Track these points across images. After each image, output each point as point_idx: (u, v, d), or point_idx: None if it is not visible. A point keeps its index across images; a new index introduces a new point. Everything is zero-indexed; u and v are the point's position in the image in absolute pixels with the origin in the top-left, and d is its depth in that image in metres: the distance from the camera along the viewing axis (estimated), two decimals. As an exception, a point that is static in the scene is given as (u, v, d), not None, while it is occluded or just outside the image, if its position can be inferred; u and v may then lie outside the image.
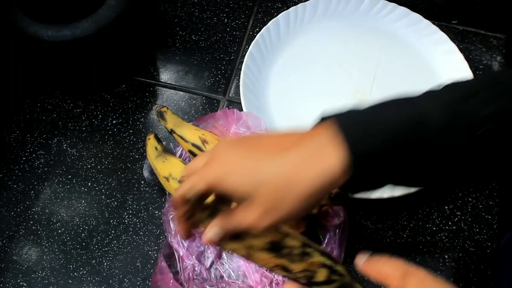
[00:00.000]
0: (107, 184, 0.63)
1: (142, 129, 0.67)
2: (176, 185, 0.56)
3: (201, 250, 0.56)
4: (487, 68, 0.72)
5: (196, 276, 0.54)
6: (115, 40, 0.65)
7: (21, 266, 0.59)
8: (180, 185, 0.42)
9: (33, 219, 0.61)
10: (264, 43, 0.71)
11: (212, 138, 0.58)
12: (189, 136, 0.58)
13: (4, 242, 0.60)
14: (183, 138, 0.58)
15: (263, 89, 0.69)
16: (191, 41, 0.74)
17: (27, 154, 0.66)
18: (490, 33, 0.75)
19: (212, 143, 0.57)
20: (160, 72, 0.72)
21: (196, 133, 0.58)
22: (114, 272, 0.58)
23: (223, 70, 0.72)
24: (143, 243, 0.60)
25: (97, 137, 0.67)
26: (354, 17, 0.74)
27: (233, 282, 0.54)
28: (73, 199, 0.63)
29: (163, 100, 0.70)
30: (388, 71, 0.71)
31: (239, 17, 0.76)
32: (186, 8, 0.77)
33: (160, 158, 0.58)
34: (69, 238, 0.60)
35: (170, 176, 0.57)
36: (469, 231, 0.61)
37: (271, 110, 0.68)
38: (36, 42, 0.60)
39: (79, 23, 0.60)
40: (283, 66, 0.71)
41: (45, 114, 0.68)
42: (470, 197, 0.63)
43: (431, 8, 0.76)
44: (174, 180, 0.56)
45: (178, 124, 0.59)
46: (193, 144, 0.57)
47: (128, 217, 0.61)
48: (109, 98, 0.69)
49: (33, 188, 0.63)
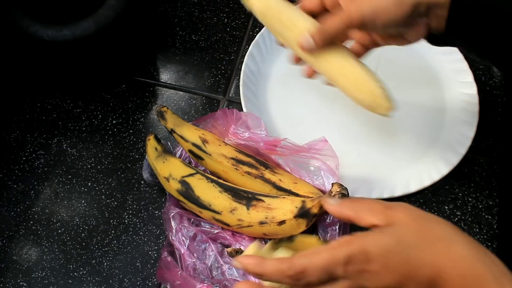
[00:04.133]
0: (107, 184, 0.63)
1: (142, 129, 0.67)
2: (177, 186, 0.56)
3: (202, 248, 0.56)
4: (487, 68, 0.72)
5: (198, 274, 0.54)
6: (115, 40, 0.65)
7: (21, 266, 0.59)
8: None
9: (33, 219, 0.61)
10: (264, 43, 0.71)
11: (213, 138, 0.58)
12: (189, 136, 0.58)
13: (4, 242, 0.60)
14: (183, 137, 0.58)
15: (263, 89, 0.69)
16: (191, 41, 0.74)
17: (27, 154, 0.66)
18: (490, 33, 0.75)
19: (213, 143, 0.57)
20: (160, 72, 0.72)
21: (196, 133, 0.58)
22: (114, 272, 0.58)
23: (223, 70, 0.72)
24: (143, 243, 0.60)
25: (97, 137, 0.67)
26: (354, 17, 0.74)
27: (235, 279, 0.54)
28: (73, 199, 0.63)
29: (163, 100, 0.70)
30: (388, 71, 0.71)
31: (239, 17, 0.76)
32: (186, 8, 0.77)
33: (160, 158, 0.58)
34: (69, 238, 0.60)
35: (170, 176, 0.57)
36: (469, 231, 0.61)
37: (271, 110, 0.68)
38: (36, 42, 0.60)
39: (79, 23, 0.60)
40: (283, 66, 0.71)
41: (45, 114, 0.68)
42: (470, 197, 0.63)
43: (431, 8, 0.76)
44: (174, 180, 0.56)
45: (178, 123, 0.59)
46: (193, 143, 0.57)
47: (128, 217, 0.61)
48: (109, 98, 0.69)
49: (33, 188, 0.63)
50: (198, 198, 0.55)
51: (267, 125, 0.62)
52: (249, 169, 0.56)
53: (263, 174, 0.55)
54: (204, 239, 0.56)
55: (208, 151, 0.57)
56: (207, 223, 0.57)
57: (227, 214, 0.54)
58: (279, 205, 0.53)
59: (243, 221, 0.53)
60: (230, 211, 0.54)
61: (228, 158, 0.56)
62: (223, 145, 0.57)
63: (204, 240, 0.56)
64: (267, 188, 0.55)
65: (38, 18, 0.61)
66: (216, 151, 0.57)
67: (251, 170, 0.56)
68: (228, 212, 0.54)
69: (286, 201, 0.53)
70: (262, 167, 0.56)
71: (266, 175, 0.55)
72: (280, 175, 0.56)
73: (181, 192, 0.56)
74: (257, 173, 0.55)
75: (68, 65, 0.67)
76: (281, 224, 0.52)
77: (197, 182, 0.56)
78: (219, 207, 0.54)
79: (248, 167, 0.56)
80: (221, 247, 0.56)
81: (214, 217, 0.55)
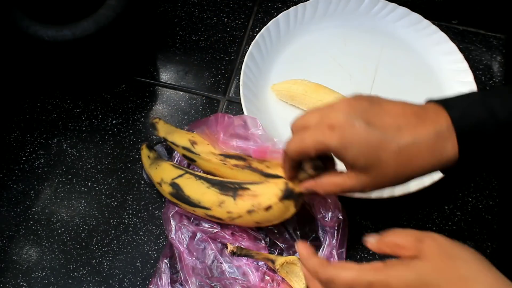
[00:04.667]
0: (107, 184, 0.63)
1: (142, 129, 0.67)
2: (168, 189, 0.57)
3: (202, 247, 0.56)
4: (487, 68, 0.72)
5: (198, 273, 0.54)
6: (115, 40, 0.65)
7: (21, 266, 0.59)
8: (289, 139, 0.45)
9: (33, 219, 0.61)
10: (264, 43, 0.71)
11: (202, 139, 0.59)
12: (179, 140, 0.59)
13: (4, 242, 0.60)
14: (175, 143, 0.59)
15: (263, 89, 0.69)
16: (191, 41, 0.74)
17: (27, 154, 0.66)
18: (490, 33, 0.75)
19: (201, 143, 0.58)
20: (160, 72, 0.72)
21: (186, 136, 0.59)
22: (114, 272, 0.58)
23: (223, 70, 0.72)
24: (143, 243, 0.60)
25: (97, 137, 0.67)
26: (354, 17, 0.74)
27: (235, 278, 0.54)
28: (73, 199, 0.63)
29: (163, 100, 0.70)
30: (388, 71, 0.71)
31: (239, 17, 0.76)
32: (186, 8, 0.77)
33: (153, 165, 0.60)
34: (69, 238, 0.60)
35: (162, 180, 0.57)
36: (469, 231, 0.61)
37: (271, 110, 0.68)
38: (36, 42, 0.60)
39: (79, 23, 0.60)
40: (283, 66, 0.71)
41: (45, 114, 0.68)
42: (470, 197, 0.63)
43: (431, 8, 0.76)
44: (165, 184, 0.57)
45: (169, 131, 0.60)
46: (183, 147, 0.58)
47: (128, 217, 0.61)
48: (109, 98, 0.69)
49: (33, 188, 0.63)
50: (188, 197, 0.55)
51: (266, 125, 0.62)
52: (236, 161, 0.56)
53: (250, 164, 0.55)
54: (204, 238, 0.56)
55: (197, 151, 0.57)
56: (206, 222, 0.57)
57: (217, 209, 0.54)
58: (264, 191, 0.53)
59: (232, 212, 0.53)
60: (218, 205, 0.54)
61: (217, 154, 0.57)
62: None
63: (204, 239, 0.56)
64: (256, 177, 0.55)
65: (38, 18, 0.61)
66: (204, 150, 0.57)
67: (239, 162, 0.56)
68: (217, 206, 0.54)
69: (270, 185, 0.53)
70: (249, 158, 0.56)
71: (254, 164, 0.55)
72: (267, 162, 0.56)
73: (173, 194, 0.56)
74: (244, 164, 0.56)
75: (68, 65, 0.67)
76: (268, 209, 0.52)
77: (186, 182, 0.56)
78: (208, 203, 0.54)
79: (236, 160, 0.56)
80: (221, 246, 0.56)
81: (206, 213, 0.55)
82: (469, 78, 0.68)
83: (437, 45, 0.71)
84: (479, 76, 0.71)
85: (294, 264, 0.53)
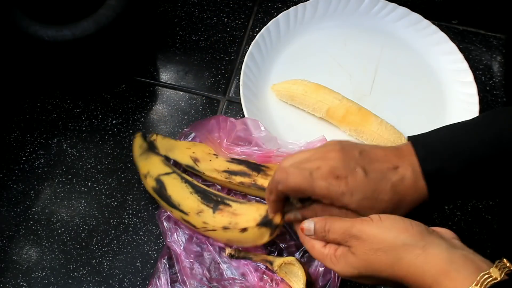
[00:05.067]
0: (107, 184, 0.63)
1: (142, 129, 0.67)
2: (152, 183, 0.57)
3: (199, 250, 0.56)
4: (487, 68, 0.72)
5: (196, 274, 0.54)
6: (115, 40, 0.65)
7: (21, 266, 0.59)
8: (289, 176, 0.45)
9: (33, 219, 0.61)
10: (264, 43, 0.71)
11: (203, 153, 0.59)
12: (181, 158, 0.59)
13: (4, 242, 0.60)
14: (177, 161, 0.60)
15: (263, 89, 0.69)
16: (191, 41, 0.74)
17: (27, 154, 0.66)
18: (490, 33, 0.75)
19: (204, 159, 0.58)
20: (160, 72, 0.72)
21: (187, 153, 0.59)
22: (114, 272, 0.58)
23: (223, 70, 0.72)
24: (143, 243, 0.60)
25: (97, 137, 0.67)
26: (354, 17, 0.74)
27: (233, 278, 0.54)
28: (73, 199, 0.63)
29: (163, 100, 0.70)
30: (388, 71, 0.71)
31: (239, 17, 0.76)
32: (186, 8, 0.77)
33: (143, 156, 0.60)
34: (69, 238, 0.60)
35: (148, 173, 0.58)
36: (469, 231, 0.61)
37: (271, 110, 0.68)
38: (36, 42, 0.60)
39: (79, 23, 0.60)
40: (283, 66, 0.71)
41: (45, 114, 0.68)
42: (470, 197, 0.63)
43: (431, 8, 0.76)
44: (151, 177, 0.58)
45: (169, 148, 0.60)
46: (186, 165, 0.59)
47: (128, 217, 0.61)
48: (109, 98, 0.69)
49: (33, 188, 0.63)
50: (169, 197, 0.56)
51: (267, 125, 0.62)
52: (242, 178, 0.56)
53: (255, 181, 0.56)
54: (201, 240, 0.56)
55: (201, 169, 0.58)
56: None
57: (194, 216, 0.54)
58: (244, 212, 0.53)
59: (207, 224, 0.54)
60: (197, 213, 0.54)
61: (221, 171, 0.57)
62: (214, 158, 0.58)
63: (201, 241, 0.56)
64: (262, 194, 0.55)
65: (38, 18, 0.61)
66: (208, 168, 0.58)
67: (244, 179, 0.56)
68: (195, 213, 0.54)
69: (252, 208, 0.53)
70: (254, 173, 0.56)
71: (259, 181, 0.56)
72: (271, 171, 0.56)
73: (155, 190, 0.57)
74: (250, 182, 0.56)
75: (68, 65, 0.67)
76: (244, 231, 0.52)
77: (171, 181, 0.56)
78: (187, 208, 0.54)
79: (241, 177, 0.56)
80: (218, 247, 0.56)
81: (182, 217, 0.55)
82: (469, 78, 0.68)
83: (437, 45, 0.71)
84: (479, 76, 0.71)
85: (293, 264, 0.53)
